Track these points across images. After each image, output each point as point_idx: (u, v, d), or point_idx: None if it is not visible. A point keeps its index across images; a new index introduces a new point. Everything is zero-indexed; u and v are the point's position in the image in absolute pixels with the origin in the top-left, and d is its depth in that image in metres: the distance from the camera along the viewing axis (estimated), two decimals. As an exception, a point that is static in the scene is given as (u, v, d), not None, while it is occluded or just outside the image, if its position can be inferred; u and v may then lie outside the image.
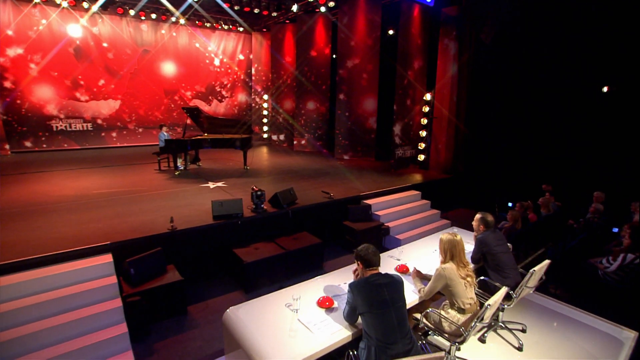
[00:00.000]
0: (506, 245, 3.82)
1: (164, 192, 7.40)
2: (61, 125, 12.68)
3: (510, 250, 3.91)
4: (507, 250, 3.77)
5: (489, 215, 3.90)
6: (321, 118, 13.10)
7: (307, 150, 13.30)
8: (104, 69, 13.01)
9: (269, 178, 8.89)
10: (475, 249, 3.86)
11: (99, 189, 7.53)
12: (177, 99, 14.58)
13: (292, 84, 13.93)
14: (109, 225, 5.48)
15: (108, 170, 9.51)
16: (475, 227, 4.00)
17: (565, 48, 7.98)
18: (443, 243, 3.22)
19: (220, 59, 15.17)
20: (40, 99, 12.23)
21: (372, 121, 11.52)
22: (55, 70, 12.27)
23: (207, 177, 8.73)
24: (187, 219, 5.79)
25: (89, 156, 11.71)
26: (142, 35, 13.50)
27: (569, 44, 7.92)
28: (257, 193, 6.15)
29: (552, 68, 8.23)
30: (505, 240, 3.85)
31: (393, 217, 7.43)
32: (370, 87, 11.36)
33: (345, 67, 11.48)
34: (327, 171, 9.85)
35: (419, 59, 10.01)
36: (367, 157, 11.75)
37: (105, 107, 13.27)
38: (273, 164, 10.85)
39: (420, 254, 4.36)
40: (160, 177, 8.71)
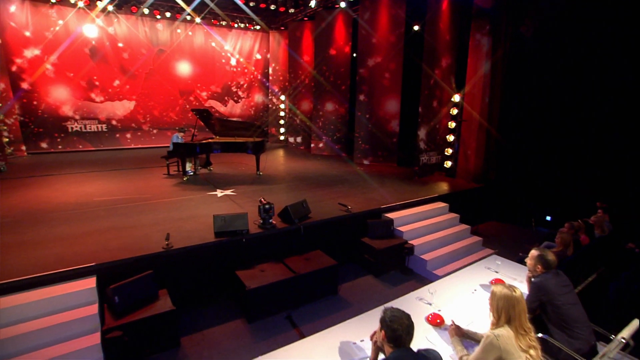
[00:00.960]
0: (574, 294, 2.93)
1: (167, 200, 6.79)
2: (76, 126, 12.40)
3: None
4: (575, 301, 2.87)
5: (550, 253, 3.01)
6: (340, 120, 12.31)
7: (324, 154, 12.53)
8: (119, 69, 12.64)
9: (282, 186, 8.17)
10: (531, 296, 2.96)
11: (101, 196, 7.00)
12: (193, 100, 14.10)
13: (310, 84, 13.20)
14: (99, 241, 4.88)
15: (116, 174, 9.03)
16: (530, 267, 3.12)
17: (622, 43, 6.89)
18: (497, 299, 2.32)
19: (236, 59, 14.60)
20: (56, 100, 11.97)
21: (394, 124, 10.63)
22: (71, 70, 11.98)
23: (216, 184, 8.09)
24: (186, 234, 5.13)
25: (102, 158, 11.34)
26: (157, 34, 13.07)
27: (626, 38, 6.82)
28: (265, 206, 5.43)
29: (605, 65, 7.14)
30: (571, 287, 2.96)
31: (418, 233, 6.56)
32: (392, 87, 10.48)
33: (366, 66, 10.64)
34: (346, 178, 9.05)
35: (447, 56, 9.06)
36: (389, 163, 10.88)
37: (120, 108, 12.91)
38: (288, 169, 10.13)
39: (456, 293, 3.49)
40: (167, 183, 8.14)
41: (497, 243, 7.32)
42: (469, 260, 6.36)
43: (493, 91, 8.57)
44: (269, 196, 7.20)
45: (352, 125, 11.70)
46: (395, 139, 10.69)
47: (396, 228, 6.47)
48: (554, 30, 7.50)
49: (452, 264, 6.18)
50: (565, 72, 7.68)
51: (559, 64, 7.72)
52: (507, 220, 8.66)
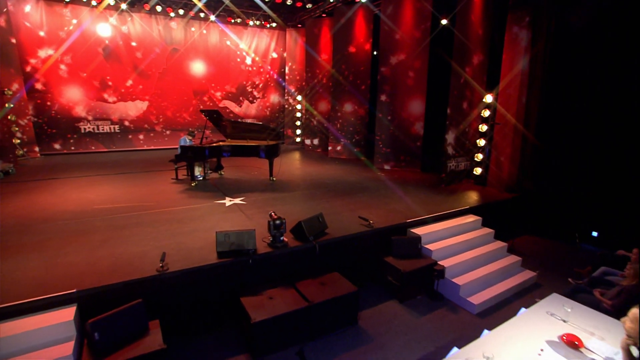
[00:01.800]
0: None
1: (170, 210, 6.18)
2: (89, 127, 12.05)
3: None
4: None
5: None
6: (359, 122, 11.52)
7: (343, 158, 11.78)
8: (132, 69, 12.22)
9: (297, 194, 7.46)
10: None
11: (102, 204, 6.45)
12: (207, 100, 13.57)
13: (327, 84, 12.46)
14: (88, 260, 4.28)
15: (123, 178, 8.53)
16: (630, 331, 2.30)
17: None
18: None
19: (252, 58, 14.00)
20: (70, 100, 11.65)
21: (418, 126, 9.78)
22: (84, 70, 11.63)
23: (226, 191, 7.46)
24: (185, 253, 4.48)
25: (112, 160, 10.92)
26: (171, 33, 12.58)
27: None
28: (276, 222, 4.72)
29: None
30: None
31: (448, 252, 5.73)
32: (417, 87, 9.62)
33: (388, 64, 9.83)
34: (366, 185, 8.27)
35: (478, 52, 8.16)
36: (412, 168, 10.03)
37: (133, 108, 12.49)
38: (304, 174, 9.42)
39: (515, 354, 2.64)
40: (174, 189, 7.55)
41: (537, 263, 6.40)
42: (508, 285, 5.49)
43: (531, 91, 7.63)
44: (282, 206, 6.51)
45: (373, 127, 10.90)
46: (419, 142, 9.83)
47: (424, 246, 5.66)
48: (609, 22, 6.52)
49: (489, 290, 5.33)
50: (618, 69, 6.68)
51: (612, 61, 6.72)
52: (545, 234, 7.70)
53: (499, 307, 5.15)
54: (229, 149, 7.75)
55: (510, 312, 5.00)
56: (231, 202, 6.69)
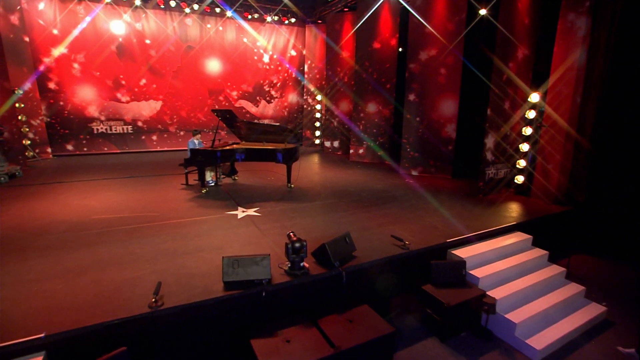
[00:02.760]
0: None
1: (175, 222, 5.41)
2: (102, 128, 11.53)
3: None
4: None
5: None
6: (384, 123, 10.58)
7: (365, 162, 10.85)
8: (146, 67, 11.63)
9: (317, 205, 6.59)
10: None
11: (102, 213, 5.75)
12: (222, 100, 12.88)
13: (350, 83, 11.57)
14: (69, 288, 3.52)
15: (131, 182, 7.86)
16: None
17: None
18: None
19: (269, 55, 13.22)
20: (83, 100, 11.15)
21: (449, 129, 8.77)
22: (97, 69, 11.10)
23: (239, 199, 6.66)
24: (185, 281, 3.68)
25: (123, 162, 10.32)
26: (186, 30, 11.94)
27: None
28: (296, 245, 3.86)
29: None
30: None
31: (497, 279, 4.77)
32: (449, 85, 8.62)
33: (417, 60, 8.85)
34: (394, 194, 7.34)
35: (524, 45, 7.11)
36: (442, 174, 9.03)
37: (146, 108, 11.91)
38: (324, 180, 8.55)
39: None
40: (183, 197, 6.81)
41: (602, 293, 5.33)
42: (574, 323, 4.47)
43: (588, 88, 6.55)
44: (301, 220, 5.66)
45: (399, 129, 9.95)
46: (451, 146, 8.81)
47: (468, 272, 4.71)
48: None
49: (551, 329, 4.33)
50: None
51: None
52: (606, 255, 6.58)
53: (567, 353, 4.15)
54: (243, 153, 6.96)
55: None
56: (244, 214, 5.88)
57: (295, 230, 5.13)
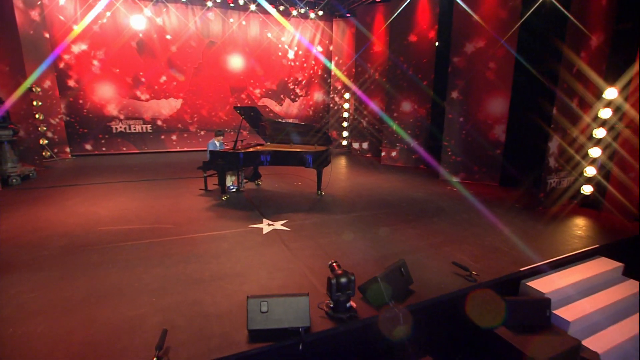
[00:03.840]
0: None
1: (190, 238, 4.58)
2: (121, 127, 10.94)
3: None
4: None
5: None
6: (419, 124, 9.53)
7: (398, 165, 9.83)
8: (166, 63, 10.97)
9: (354, 217, 5.64)
10: None
11: (110, 224, 4.98)
12: (244, 98, 12.10)
13: (381, 80, 10.57)
14: (51, 331, 2.70)
15: (146, 186, 7.12)
16: None
17: None
18: None
19: (294, 51, 12.34)
20: (102, 98, 10.59)
21: (498, 131, 7.64)
22: (117, 66, 10.52)
23: (264, 209, 5.79)
24: (199, 325, 2.81)
25: (141, 163, 9.67)
26: (208, 25, 11.20)
27: None
28: (341, 280, 2.92)
29: None
30: None
31: (590, 322, 3.70)
32: (499, 81, 7.50)
33: (462, 53, 7.77)
34: (439, 205, 6.31)
35: (599, 31, 5.94)
36: (487, 181, 7.91)
37: (166, 106, 11.25)
38: (356, 186, 7.59)
39: None
40: (200, 205, 5.99)
41: None
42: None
43: (682, 83, 5.34)
44: (336, 237, 4.73)
45: (436, 130, 8.89)
46: (499, 150, 7.69)
47: (553, 312, 3.66)
48: None
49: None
50: None
51: None
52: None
53: None
54: (269, 155, 6.07)
55: None
56: (270, 228, 4.99)
57: (332, 251, 4.23)
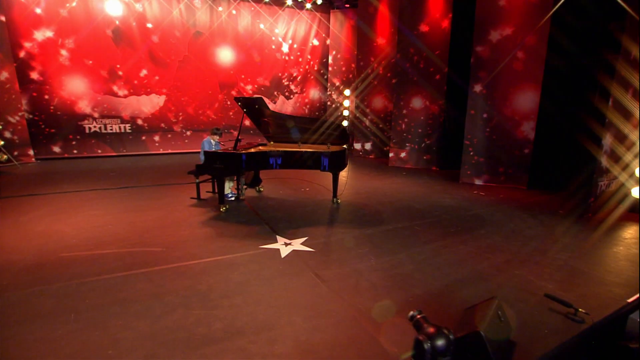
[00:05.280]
0: None
1: (186, 267, 3.39)
2: (95, 127, 9.49)
3: None
4: None
5: None
6: (431, 122, 8.59)
7: (408, 167, 8.86)
8: (147, 55, 9.62)
9: (387, 231, 4.58)
10: None
11: (77, 248, 3.71)
12: (235, 95, 10.87)
13: (385, 75, 9.63)
14: None
15: (125, 195, 5.83)
16: None
17: None
18: None
19: (289, 45, 11.22)
20: (72, 93, 9.12)
21: (527, 128, 6.78)
22: (89, 57, 9.08)
23: (274, 223, 4.64)
24: None
25: (119, 167, 8.30)
26: (194, 13, 9.93)
27: None
28: (436, 342, 1.83)
29: None
30: None
31: None
32: (529, 72, 6.64)
33: (486, 42, 6.88)
34: (476, 212, 5.35)
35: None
36: (513, 184, 7.04)
37: (148, 103, 9.88)
38: (373, 192, 6.54)
39: None
40: (194, 219, 4.78)
41: None
42: None
43: None
44: (378, 258, 3.66)
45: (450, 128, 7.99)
46: (528, 149, 6.82)
47: (686, 361, 2.70)
48: None
49: None
50: None
51: None
52: None
53: None
54: (280, 158, 4.93)
55: None
56: (289, 248, 3.86)
57: (379, 281, 3.16)
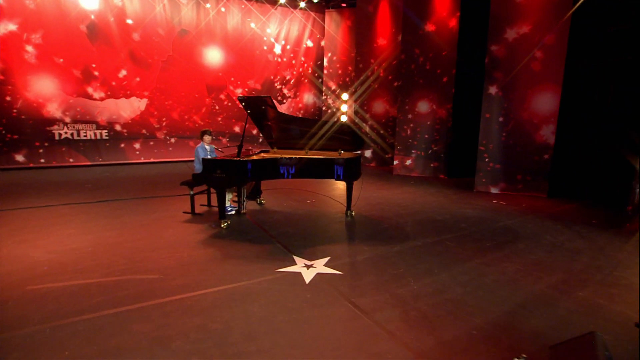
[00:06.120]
0: None
1: (194, 298, 2.83)
2: (66, 133, 8.73)
3: None
4: None
5: None
6: (438, 127, 8.31)
7: (414, 175, 8.52)
8: (127, 54, 8.99)
9: (416, 247, 4.13)
10: None
11: (49, 277, 3.09)
12: (224, 99, 10.33)
13: (386, 78, 9.36)
14: None
15: (106, 210, 5.18)
16: None
17: None
18: None
19: (282, 46, 10.82)
20: (39, 95, 8.36)
21: (546, 132, 6.56)
22: (60, 55, 8.37)
23: (286, 241, 4.12)
24: None
25: (95, 178, 7.59)
26: (179, 10, 9.42)
27: None
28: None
29: None
30: None
31: None
32: (547, 72, 6.44)
33: (502, 40, 6.67)
34: (504, 223, 5.00)
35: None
36: (532, 192, 6.78)
37: (127, 107, 9.20)
38: (384, 203, 6.09)
39: None
40: (192, 237, 4.20)
41: None
42: None
43: None
44: (417, 281, 3.22)
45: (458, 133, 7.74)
46: (547, 154, 6.59)
47: None
48: None
49: None
50: None
51: None
52: None
53: None
54: (294, 166, 4.43)
55: None
56: (312, 272, 3.35)
57: (428, 310, 2.71)
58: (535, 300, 2.98)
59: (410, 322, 2.61)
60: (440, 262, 3.69)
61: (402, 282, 3.23)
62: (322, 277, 3.25)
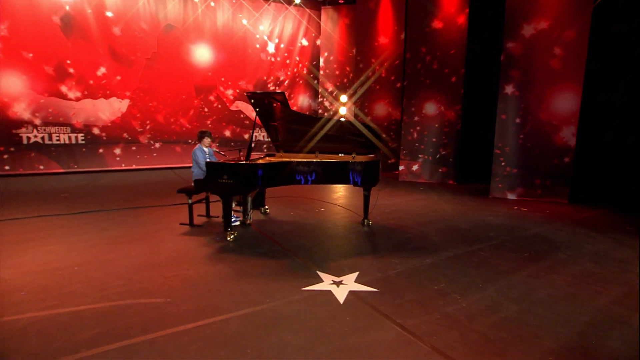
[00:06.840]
0: None
1: (215, 325, 2.46)
2: (36, 136, 8.18)
3: None
4: None
5: None
6: (447, 129, 8.18)
7: (421, 181, 8.34)
8: (106, 50, 8.54)
9: (450, 259, 3.86)
10: None
11: (26, 305, 2.65)
12: (213, 100, 9.96)
13: (388, 78, 9.24)
14: None
15: (92, 221, 4.72)
16: None
17: None
18: None
19: (275, 44, 10.57)
20: (4, 94, 7.84)
21: (567, 134, 6.47)
22: (29, 49, 7.87)
23: (306, 255, 3.79)
24: None
25: (72, 186, 7.09)
26: (165, 3, 9.07)
27: None
28: None
29: None
30: None
31: None
32: (567, 71, 6.38)
33: (519, 37, 6.59)
34: (534, 231, 4.81)
35: None
36: (552, 198, 6.66)
37: (106, 109, 8.72)
38: (398, 211, 5.84)
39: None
40: (196, 250, 3.82)
41: None
42: None
43: None
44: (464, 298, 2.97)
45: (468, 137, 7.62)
46: (568, 157, 6.50)
47: None
48: None
49: None
50: None
51: None
52: None
53: None
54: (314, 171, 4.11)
55: None
56: (343, 289, 3.03)
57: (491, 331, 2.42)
58: (604, 318, 2.74)
59: (474, 347, 2.33)
60: (482, 275, 3.44)
61: (448, 299, 2.95)
62: (356, 296, 2.94)
